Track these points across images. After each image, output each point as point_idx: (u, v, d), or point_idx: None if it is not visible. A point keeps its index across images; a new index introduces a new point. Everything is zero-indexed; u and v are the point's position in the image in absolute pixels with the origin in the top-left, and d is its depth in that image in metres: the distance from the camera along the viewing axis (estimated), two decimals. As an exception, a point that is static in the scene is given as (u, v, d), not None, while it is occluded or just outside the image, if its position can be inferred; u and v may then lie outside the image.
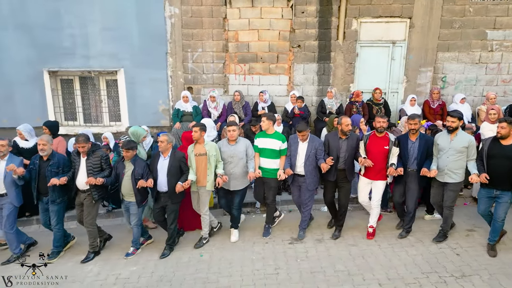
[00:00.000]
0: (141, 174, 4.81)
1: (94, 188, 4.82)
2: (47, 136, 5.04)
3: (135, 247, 5.16)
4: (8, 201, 4.90)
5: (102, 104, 7.70)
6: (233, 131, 5.09)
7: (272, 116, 5.32)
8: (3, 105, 7.40)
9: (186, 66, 7.47)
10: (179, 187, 4.80)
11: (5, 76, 7.32)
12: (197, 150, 5.03)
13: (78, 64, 7.36)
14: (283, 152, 5.25)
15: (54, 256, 5.10)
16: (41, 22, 7.15)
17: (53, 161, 4.87)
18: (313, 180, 5.21)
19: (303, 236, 5.41)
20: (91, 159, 4.84)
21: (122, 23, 7.21)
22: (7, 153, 4.89)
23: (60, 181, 4.70)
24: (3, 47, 7.22)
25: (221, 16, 7.29)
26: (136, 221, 5.02)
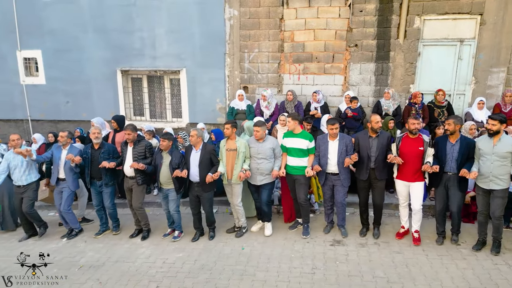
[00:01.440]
0: (178, 164, 5.27)
1: (138, 173, 5.38)
2: (98, 127, 5.74)
3: (179, 230, 5.70)
4: (66, 186, 5.63)
5: (166, 101, 8.30)
6: (257, 132, 5.30)
7: (297, 116, 5.42)
8: (83, 100, 8.35)
9: (242, 66, 7.73)
10: (208, 177, 5.16)
11: (85, 74, 8.24)
12: (229, 146, 5.35)
13: (146, 64, 8.02)
14: (311, 151, 5.34)
15: (117, 229, 5.94)
16: (116, 26, 7.92)
17: (104, 149, 5.54)
18: (347, 176, 5.30)
19: (347, 234, 5.49)
20: (137, 148, 5.42)
21: (186, 25, 7.69)
22: (67, 143, 5.64)
23: (110, 165, 5.35)
24: (84, 48, 8.13)
25: (278, 16, 7.41)
26: (175, 207, 5.53)
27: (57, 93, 8.42)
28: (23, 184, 5.62)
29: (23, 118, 8.66)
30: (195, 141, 5.28)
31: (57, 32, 8.15)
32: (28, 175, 5.63)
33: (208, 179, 5.17)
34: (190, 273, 4.68)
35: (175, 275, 4.65)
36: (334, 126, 5.14)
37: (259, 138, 5.35)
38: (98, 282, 4.56)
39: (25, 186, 5.64)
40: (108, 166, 5.35)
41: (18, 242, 5.81)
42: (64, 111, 8.45)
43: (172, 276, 4.62)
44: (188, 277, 4.59)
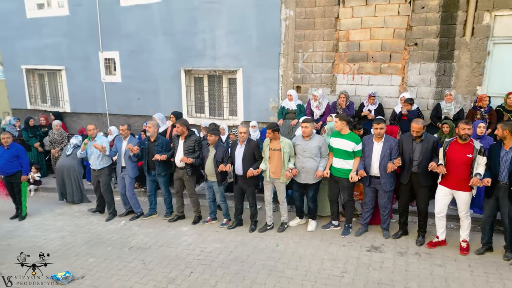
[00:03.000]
0: (221, 157, 5.64)
1: (188, 165, 5.93)
2: (155, 122, 6.32)
3: (227, 218, 6.11)
4: (127, 173, 6.31)
5: (223, 99, 8.71)
6: (306, 128, 5.35)
7: (345, 117, 5.34)
8: (151, 97, 9.15)
9: (296, 65, 7.79)
10: (249, 172, 5.48)
11: (154, 74, 9.02)
12: (272, 145, 5.54)
13: (207, 64, 8.50)
14: (358, 154, 5.26)
15: (168, 215, 6.55)
16: (182, 29, 8.53)
17: (158, 142, 6.10)
18: (389, 180, 5.13)
19: (389, 235, 5.39)
20: (187, 142, 5.94)
21: (243, 27, 7.99)
22: (128, 135, 6.32)
23: (162, 157, 5.90)
24: (154, 50, 8.89)
25: (333, 16, 7.32)
26: (221, 197, 5.97)
27: (130, 90, 9.34)
28: (97, 168, 6.51)
29: (103, 112, 9.77)
30: (244, 137, 5.61)
31: (132, 35, 9.03)
32: (101, 161, 6.49)
33: (249, 173, 5.49)
34: (223, 263, 4.96)
35: (209, 263, 4.97)
36: (379, 125, 5.03)
37: (306, 135, 5.39)
38: (142, 262, 5.07)
39: (99, 170, 6.52)
40: (160, 159, 5.94)
41: (106, 221, 6.61)
42: (136, 107, 9.35)
43: (206, 265, 4.95)
44: (221, 267, 4.87)
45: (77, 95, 10.00)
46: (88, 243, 5.76)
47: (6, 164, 6.52)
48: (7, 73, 10.86)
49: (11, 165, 6.55)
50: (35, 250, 5.63)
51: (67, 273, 4.77)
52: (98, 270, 4.94)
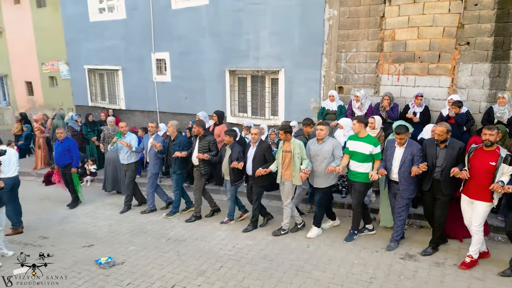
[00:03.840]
0: (236, 158, 5.80)
1: (202, 164, 6.17)
2: (175, 122, 6.63)
3: (229, 218, 6.28)
4: (149, 168, 6.77)
5: (266, 99, 8.82)
6: (321, 130, 5.30)
7: (363, 119, 5.26)
8: (198, 96, 9.52)
9: (339, 66, 7.67)
10: (257, 172, 5.59)
11: (200, 74, 9.37)
12: (285, 147, 5.57)
13: (250, 64, 8.66)
14: (377, 156, 5.15)
15: (170, 214, 6.72)
16: (227, 30, 8.77)
17: (176, 141, 6.40)
18: (408, 188, 4.91)
19: (393, 248, 5.15)
20: (202, 141, 6.16)
21: (286, 27, 8.03)
22: (154, 132, 6.78)
23: (181, 154, 6.23)
24: (201, 51, 9.24)
25: (379, 15, 7.11)
26: (230, 196, 6.16)
27: (179, 90, 9.79)
28: (125, 163, 7.02)
29: (154, 110, 10.34)
30: (256, 139, 5.77)
31: (181, 37, 9.46)
32: (129, 156, 7.00)
33: (257, 173, 5.60)
34: (252, 260, 5.07)
35: (239, 259, 5.11)
36: (399, 136, 4.86)
37: (321, 138, 5.35)
38: (176, 253, 5.34)
39: (126, 165, 7.01)
40: (180, 156, 6.25)
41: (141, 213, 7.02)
42: (183, 105, 9.77)
43: (236, 260, 5.09)
44: (249, 264, 4.99)
45: (132, 93, 10.68)
46: (131, 232, 6.18)
47: (60, 156, 7.23)
48: (72, 73, 11.88)
49: (64, 158, 7.21)
50: (85, 235, 6.18)
51: (109, 259, 5.16)
52: (137, 257, 5.29)
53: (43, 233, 6.33)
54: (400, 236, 5.22)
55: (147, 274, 4.83)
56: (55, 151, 7.42)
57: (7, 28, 13.15)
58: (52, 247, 5.75)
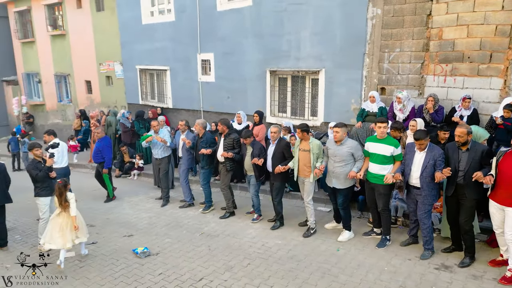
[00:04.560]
0: (257, 155, 5.98)
1: (227, 160, 6.40)
2: (202, 121, 6.94)
3: (258, 213, 6.46)
4: (182, 162, 7.18)
5: (305, 100, 8.77)
6: (336, 133, 5.27)
7: (383, 120, 5.12)
8: (239, 96, 9.70)
9: (381, 66, 7.44)
10: (277, 169, 5.80)
11: (242, 74, 9.54)
12: (302, 146, 5.67)
13: (291, 64, 8.66)
14: (398, 158, 5.05)
15: (206, 209, 7.02)
16: (269, 31, 8.84)
17: (203, 139, 6.72)
18: (430, 193, 4.71)
19: (427, 257, 4.92)
20: (227, 139, 6.39)
21: (328, 27, 7.93)
22: (185, 130, 7.13)
23: (207, 151, 6.52)
24: (244, 51, 9.40)
25: (425, 13, 6.79)
26: (254, 191, 6.34)
27: (221, 90, 10.04)
28: (159, 157, 7.47)
29: (198, 109, 10.69)
30: (275, 137, 5.94)
31: (225, 38, 9.69)
32: (163, 151, 7.44)
33: (276, 170, 5.79)
34: (280, 260, 5.11)
35: (267, 258, 5.17)
36: (419, 142, 4.69)
37: (337, 140, 5.31)
38: (208, 248, 5.52)
39: (160, 159, 7.46)
40: (205, 153, 6.57)
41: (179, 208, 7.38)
42: (226, 105, 10.01)
43: (264, 258, 5.16)
44: (277, 263, 5.03)
45: (178, 92, 11.13)
46: (168, 225, 6.47)
47: (95, 154, 7.81)
48: (125, 73, 12.63)
49: (98, 156, 7.73)
50: (127, 225, 6.58)
51: (145, 249, 5.47)
52: (171, 249, 5.55)
53: (90, 221, 6.81)
54: (431, 244, 4.99)
55: (178, 266, 5.05)
56: (94, 149, 8.00)
57: (70, 31, 14.27)
58: (96, 235, 6.21)
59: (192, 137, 7.05)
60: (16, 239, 6.20)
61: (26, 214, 7.05)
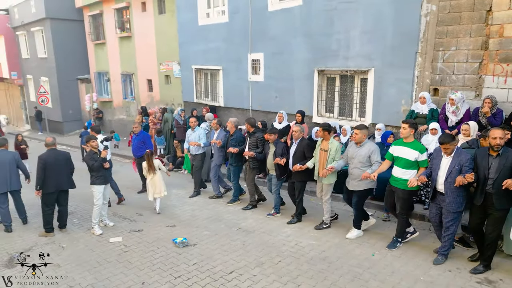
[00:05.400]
0: (280, 153, 6.11)
1: (251, 159, 6.73)
2: (234, 119, 7.13)
3: (275, 210, 6.68)
4: (214, 159, 7.54)
5: (354, 100, 8.56)
6: (356, 134, 5.30)
7: (413, 124, 4.97)
8: (286, 96, 9.73)
9: (434, 66, 7.02)
10: (295, 167, 5.94)
11: (290, 74, 9.55)
12: (322, 146, 5.81)
13: (339, 64, 8.50)
14: (423, 164, 4.90)
15: (231, 202, 7.41)
16: (318, 30, 8.76)
17: (233, 137, 6.92)
18: (455, 200, 4.45)
19: (441, 262, 4.79)
20: (252, 138, 6.66)
21: (378, 25, 7.67)
22: (218, 128, 7.51)
23: (234, 150, 6.76)
24: (292, 51, 9.41)
25: (485, 8, 6.29)
26: (275, 189, 6.56)
27: (270, 89, 10.14)
28: (193, 153, 7.88)
29: (247, 108, 10.91)
30: (297, 136, 6.05)
31: (275, 38, 9.77)
32: (197, 148, 7.83)
33: (294, 168, 5.98)
34: (311, 260, 5.09)
35: (298, 257, 5.18)
36: (444, 146, 4.48)
37: (357, 142, 5.33)
38: (242, 243, 5.66)
39: (194, 155, 7.86)
40: (233, 152, 6.81)
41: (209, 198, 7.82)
42: (273, 104, 10.09)
43: (295, 257, 5.17)
44: (308, 263, 5.02)
45: (229, 91, 11.44)
46: (209, 219, 6.73)
47: (136, 148, 8.24)
48: (182, 72, 13.25)
49: (139, 149, 8.15)
50: (172, 216, 6.97)
51: (184, 239, 5.76)
52: (207, 242, 5.78)
53: (140, 210, 7.34)
54: (448, 251, 4.81)
55: (212, 258, 5.26)
56: (132, 143, 8.46)
57: (135, 33, 15.30)
58: (143, 223, 6.66)
59: (223, 136, 7.43)
60: (74, 222, 6.86)
61: (87, 201, 7.74)
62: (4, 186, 6.50)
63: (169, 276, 4.83)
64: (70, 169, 6.47)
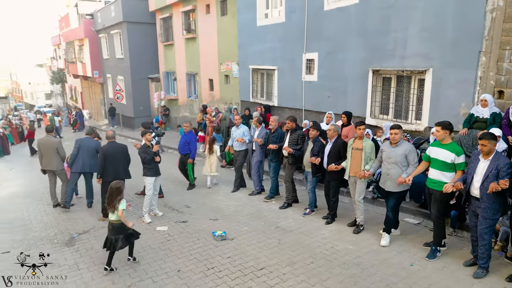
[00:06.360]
0: (317, 151, 6.11)
1: (290, 155, 6.82)
2: (277, 117, 7.24)
3: (310, 208, 6.75)
4: (255, 155, 7.74)
5: (410, 102, 8.11)
6: (395, 134, 5.13)
7: (448, 125, 4.68)
8: (339, 96, 9.53)
9: (500, 66, 6.40)
10: (330, 167, 5.95)
11: (344, 73, 9.34)
12: (355, 145, 5.74)
13: (395, 64, 8.12)
14: (460, 167, 4.58)
15: (268, 198, 7.60)
16: (374, 29, 8.45)
17: (274, 134, 7.04)
18: (491, 206, 4.14)
19: (481, 276, 4.43)
20: (293, 135, 6.70)
21: (438, 23, 7.18)
22: (259, 126, 7.72)
23: (273, 146, 6.94)
24: (346, 50, 9.19)
25: (562, 1, 5.61)
26: (311, 187, 6.58)
27: (323, 89, 10.01)
28: (237, 149, 8.17)
29: (300, 108, 10.88)
30: (330, 135, 6.03)
31: (330, 37, 9.62)
32: (240, 145, 8.14)
33: (329, 168, 5.99)
34: (344, 264, 4.98)
35: (331, 260, 5.10)
36: (482, 141, 4.22)
37: (395, 142, 5.15)
38: (278, 241, 5.71)
39: (237, 151, 8.13)
40: (272, 148, 6.99)
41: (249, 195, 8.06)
42: (325, 104, 9.93)
43: (328, 260, 5.10)
44: (340, 266, 4.93)
45: (283, 91, 11.50)
46: (250, 215, 6.89)
47: (181, 146, 8.61)
48: (240, 72, 13.60)
49: (184, 148, 8.52)
50: (216, 210, 7.26)
51: (223, 233, 5.98)
52: (245, 237, 5.93)
53: (188, 203, 7.74)
54: (487, 263, 4.43)
55: (246, 253, 5.39)
56: (180, 141, 8.82)
57: (200, 34, 16.03)
58: (189, 215, 7.02)
59: (264, 134, 7.60)
60: (129, 210, 7.41)
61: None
62: (85, 167, 7.50)
63: (203, 266, 5.06)
64: (126, 161, 7.04)
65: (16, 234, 6.48)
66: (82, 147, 7.47)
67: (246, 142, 7.98)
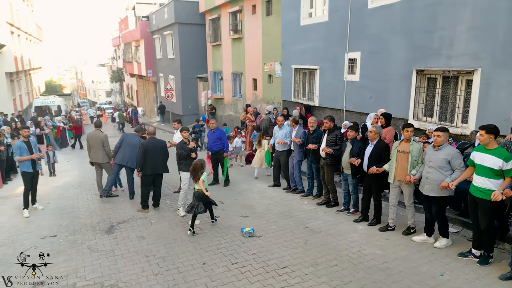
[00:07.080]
0: (356, 153, 5.96)
1: (328, 156, 6.80)
2: (315, 118, 7.27)
3: (355, 208, 6.70)
4: (294, 155, 7.76)
5: (456, 104, 7.66)
6: (438, 137, 4.93)
7: (493, 129, 4.38)
8: (381, 97, 9.22)
9: (557, 65, 5.86)
10: (371, 170, 5.83)
11: (386, 73, 9.02)
12: (401, 147, 5.53)
13: (441, 63, 7.70)
14: (508, 173, 4.23)
15: (305, 196, 7.77)
16: (419, 27, 8.08)
17: (314, 135, 7.04)
18: None
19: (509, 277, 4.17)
20: (330, 135, 6.64)
21: (489, 20, 6.71)
22: (296, 127, 7.72)
23: (313, 146, 7.00)
24: (390, 50, 8.87)
25: None
26: (353, 189, 6.55)
27: (365, 89, 9.74)
28: (280, 150, 8.29)
29: (341, 108, 10.67)
30: (371, 137, 5.88)
31: (373, 36, 9.34)
32: (282, 145, 8.13)
33: (370, 171, 5.83)
34: (369, 269, 4.85)
35: (357, 264, 5.00)
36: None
37: (437, 145, 4.92)
38: (305, 241, 5.69)
39: (280, 152, 8.32)
40: (312, 148, 6.96)
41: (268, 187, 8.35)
42: (367, 105, 9.65)
43: (353, 264, 5.00)
44: (364, 271, 4.81)
45: (324, 91, 11.35)
46: (281, 214, 6.91)
47: (212, 143, 8.74)
48: (283, 72, 13.62)
49: (216, 144, 8.66)
50: (248, 207, 7.38)
51: (251, 230, 6.07)
52: (272, 235, 5.97)
53: (223, 199, 7.93)
54: None
55: (270, 251, 5.44)
56: (208, 139, 8.95)
57: (245, 35, 16.27)
58: (222, 211, 7.20)
59: (302, 133, 7.61)
60: (166, 203, 7.81)
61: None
62: (127, 161, 7.94)
63: (228, 261, 5.18)
64: (165, 156, 7.38)
65: (64, 220, 7.06)
66: (125, 141, 7.97)
67: (287, 144, 8.06)
